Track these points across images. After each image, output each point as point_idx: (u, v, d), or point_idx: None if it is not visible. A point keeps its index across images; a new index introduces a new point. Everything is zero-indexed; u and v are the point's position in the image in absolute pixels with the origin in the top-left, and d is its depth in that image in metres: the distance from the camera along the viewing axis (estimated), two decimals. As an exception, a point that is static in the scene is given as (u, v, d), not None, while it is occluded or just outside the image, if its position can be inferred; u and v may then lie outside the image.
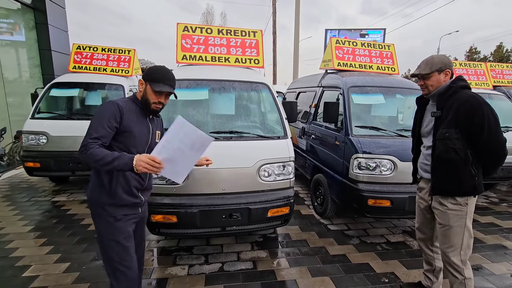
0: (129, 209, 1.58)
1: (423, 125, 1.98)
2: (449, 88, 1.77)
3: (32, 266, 2.50)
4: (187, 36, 3.40)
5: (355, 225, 3.43)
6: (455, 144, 1.69)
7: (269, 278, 2.40)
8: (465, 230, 1.79)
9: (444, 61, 1.81)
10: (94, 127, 1.40)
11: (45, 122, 4.09)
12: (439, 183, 1.81)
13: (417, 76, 1.88)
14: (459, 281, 1.80)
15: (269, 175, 2.54)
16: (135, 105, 1.57)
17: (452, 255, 1.80)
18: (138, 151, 1.52)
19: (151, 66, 1.62)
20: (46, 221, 3.40)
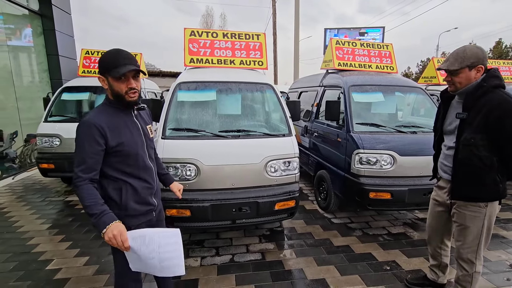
0: (143, 217, 1.53)
1: (446, 122, 1.83)
2: (480, 87, 1.58)
3: (54, 260, 2.65)
4: (194, 40, 3.57)
5: (358, 218, 3.58)
6: (481, 151, 1.56)
7: (277, 268, 2.55)
8: (483, 231, 1.71)
9: (477, 55, 1.58)
10: (78, 156, 1.30)
11: (58, 125, 4.26)
12: (460, 189, 1.72)
13: (444, 71, 1.71)
14: (468, 274, 1.80)
15: (275, 171, 2.69)
16: (113, 108, 1.42)
17: (466, 252, 1.77)
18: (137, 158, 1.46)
19: (99, 58, 1.40)
20: (62, 219, 3.56)
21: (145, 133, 1.54)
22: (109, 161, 1.38)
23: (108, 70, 1.33)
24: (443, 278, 2.19)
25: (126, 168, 1.43)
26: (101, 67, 1.37)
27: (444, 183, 1.90)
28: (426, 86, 6.27)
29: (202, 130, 2.72)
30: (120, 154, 1.39)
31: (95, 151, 1.31)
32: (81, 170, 1.28)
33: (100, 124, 1.32)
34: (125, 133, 1.41)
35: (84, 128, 1.31)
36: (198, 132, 2.70)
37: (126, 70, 1.32)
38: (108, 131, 1.34)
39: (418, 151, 2.95)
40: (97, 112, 1.38)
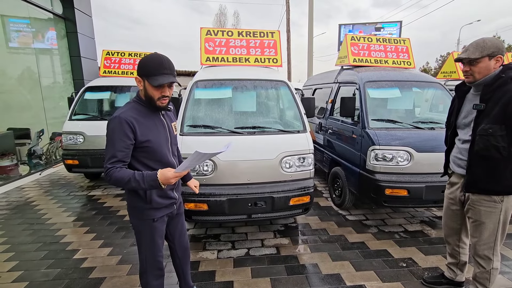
0: (166, 209, 1.62)
1: (461, 115, 1.81)
2: (498, 78, 1.58)
3: (80, 250, 2.82)
4: (210, 39, 3.65)
5: (373, 216, 3.55)
6: (499, 141, 1.54)
7: (292, 262, 2.59)
8: (499, 226, 1.69)
9: (498, 45, 1.58)
10: (109, 150, 1.37)
11: (81, 123, 4.48)
12: (475, 181, 1.69)
13: (463, 60, 1.67)
14: (485, 271, 1.77)
15: (290, 167, 2.72)
16: (142, 106, 1.49)
17: (483, 249, 1.75)
18: (161, 154, 1.53)
19: (143, 58, 1.45)
20: (86, 213, 3.75)
21: (170, 130, 1.62)
22: (136, 155, 1.46)
23: (148, 75, 1.40)
24: (461, 276, 2.16)
25: (151, 163, 1.51)
26: (141, 69, 1.43)
27: (457, 178, 1.88)
28: (445, 82, 6.08)
29: (218, 127, 2.79)
30: (147, 150, 1.47)
31: (125, 145, 1.38)
32: (111, 163, 1.36)
33: (131, 120, 1.39)
34: (153, 130, 1.49)
35: (116, 123, 1.38)
36: (215, 129, 2.78)
37: (165, 81, 1.40)
38: (138, 126, 1.41)
39: (436, 147, 2.89)
40: (128, 108, 1.45)
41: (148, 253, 1.63)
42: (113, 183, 1.38)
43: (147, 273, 1.66)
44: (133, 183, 1.35)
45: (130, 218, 1.62)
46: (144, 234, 1.60)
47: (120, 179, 1.35)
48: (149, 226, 1.58)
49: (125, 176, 1.35)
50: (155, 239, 1.61)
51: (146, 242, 1.61)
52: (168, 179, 1.36)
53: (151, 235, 1.60)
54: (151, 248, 1.62)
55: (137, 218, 1.58)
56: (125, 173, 1.36)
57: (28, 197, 4.32)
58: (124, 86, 4.94)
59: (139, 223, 1.59)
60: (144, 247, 1.62)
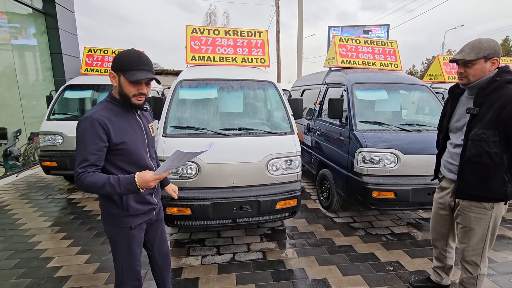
0: (144, 216, 1.52)
1: (453, 119, 1.77)
2: (493, 82, 1.53)
3: (55, 257, 2.66)
4: (196, 37, 3.54)
5: (361, 218, 3.54)
6: (491, 147, 1.51)
7: (279, 267, 2.52)
8: (488, 233, 1.66)
9: (494, 47, 1.54)
10: (80, 153, 1.26)
11: (60, 123, 4.27)
12: (466, 187, 1.65)
13: (458, 62, 1.62)
14: (472, 277, 1.75)
15: (277, 169, 2.66)
16: (116, 106, 1.39)
17: (471, 255, 1.72)
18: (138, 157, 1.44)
19: (119, 53, 1.36)
20: (64, 217, 3.57)
21: (147, 132, 1.53)
22: (110, 159, 1.35)
23: (124, 70, 1.31)
24: (447, 280, 2.15)
25: (127, 167, 1.40)
26: (116, 64, 1.34)
27: (447, 183, 1.84)
28: (431, 84, 6.18)
29: (203, 128, 2.70)
30: (122, 152, 1.37)
31: (98, 148, 1.27)
32: (83, 167, 1.25)
33: (103, 120, 1.29)
34: (128, 131, 1.39)
35: (87, 124, 1.27)
36: (199, 130, 2.68)
37: (143, 77, 1.31)
38: (111, 127, 1.31)
39: (423, 149, 2.90)
40: (100, 108, 1.34)
41: (125, 263, 1.51)
42: (85, 189, 1.27)
43: (124, 285, 1.55)
44: (108, 188, 1.25)
45: (104, 227, 1.49)
46: (120, 243, 1.48)
47: (93, 184, 1.24)
48: (126, 235, 1.46)
49: (99, 181, 1.25)
50: (133, 248, 1.50)
51: (122, 252, 1.49)
52: (147, 182, 1.27)
53: (128, 244, 1.48)
54: (128, 257, 1.50)
55: (112, 226, 1.46)
56: (98, 178, 1.25)
57: (2, 201, 4.09)
58: (107, 85, 4.75)
59: (114, 232, 1.47)
60: (120, 257, 1.51)
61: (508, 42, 30.22)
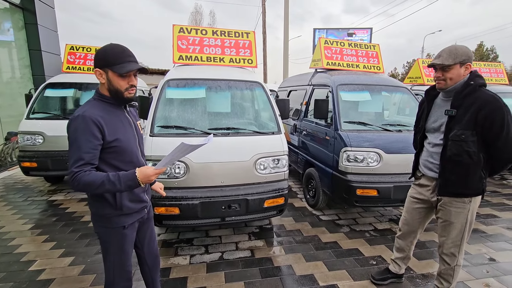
0: (137, 214, 1.51)
1: (430, 120, 1.86)
2: (467, 85, 1.65)
3: (37, 260, 2.58)
4: (183, 37, 3.53)
5: (345, 215, 3.65)
6: (470, 147, 1.62)
7: (267, 264, 2.57)
8: (467, 226, 1.77)
9: (468, 53, 1.66)
10: (74, 153, 1.23)
11: (41, 122, 4.13)
12: (448, 185, 1.75)
13: (436, 66, 1.72)
14: (450, 268, 1.87)
15: (265, 168, 2.70)
16: (105, 103, 1.37)
17: (449, 247, 1.83)
18: (131, 154, 1.43)
19: (99, 49, 1.33)
20: (46, 219, 3.45)
21: (137, 129, 1.52)
22: (104, 157, 1.33)
23: (111, 64, 1.30)
24: (403, 269, 2.28)
25: (121, 165, 1.39)
26: (102, 60, 1.31)
27: (428, 180, 1.92)
28: (412, 86, 6.43)
29: (191, 128, 2.70)
30: (116, 150, 1.35)
31: (92, 146, 1.25)
32: (78, 166, 1.22)
33: (97, 118, 1.27)
34: (120, 128, 1.38)
35: (79, 122, 1.24)
36: (187, 130, 2.68)
37: (134, 68, 1.31)
38: (105, 125, 1.29)
39: (403, 148, 3.03)
40: (90, 106, 1.32)
41: (117, 263, 1.49)
42: (82, 189, 1.24)
43: (115, 285, 1.53)
44: (108, 185, 1.23)
45: (95, 228, 1.46)
46: (112, 243, 1.46)
47: (91, 182, 1.21)
48: (118, 234, 1.45)
49: (97, 179, 1.22)
50: (125, 247, 1.48)
51: (114, 251, 1.47)
52: (148, 177, 1.28)
53: (120, 243, 1.46)
54: (120, 258, 1.49)
55: (104, 226, 1.43)
56: (96, 176, 1.23)
57: (-23, 204, 3.90)
58: (90, 84, 4.64)
59: (106, 232, 1.44)
60: (112, 257, 1.48)
61: (482, 47, 31.83)
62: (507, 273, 2.47)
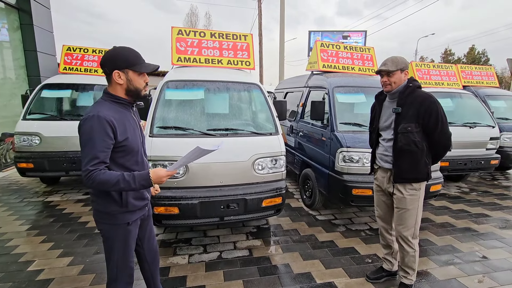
0: (139, 211, 1.56)
1: (382, 119, 2.15)
2: (407, 87, 1.99)
3: (35, 261, 2.58)
4: (182, 39, 3.57)
5: (341, 215, 3.71)
6: (416, 137, 1.92)
7: (265, 263, 2.61)
8: (418, 211, 2.05)
9: (405, 62, 2.02)
10: (89, 151, 1.27)
11: (37, 123, 4.12)
12: (401, 172, 2.01)
13: (382, 72, 2.04)
14: (411, 254, 2.09)
15: (262, 168, 2.75)
16: (116, 104, 1.42)
17: (406, 233, 2.06)
18: (137, 153, 1.48)
19: (112, 53, 1.40)
20: (43, 220, 3.44)
21: (141, 129, 1.58)
22: (113, 156, 1.37)
23: (133, 65, 1.38)
24: (396, 266, 2.36)
25: (127, 163, 1.44)
26: (122, 61, 1.37)
27: (383, 172, 2.17)
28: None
29: (190, 129, 2.73)
30: (124, 149, 1.40)
31: (106, 145, 1.30)
32: (94, 165, 1.27)
33: (110, 119, 1.32)
34: (129, 128, 1.43)
35: (95, 121, 1.28)
36: (186, 131, 2.72)
37: (154, 67, 1.44)
38: (117, 126, 1.34)
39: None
40: (103, 107, 1.36)
41: (120, 259, 1.53)
42: (96, 186, 1.28)
43: (117, 281, 1.56)
44: (122, 184, 1.29)
45: (99, 225, 1.49)
46: (116, 239, 1.49)
47: (106, 181, 1.27)
48: (123, 231, 1.49)
49: (112, 178, 1.28)
50: (129, 243, 1.53)
51: (118, 248, 1.50)
52: (160, 178, 1.37)
53: (124, 240, 1.51)
54: (124, 254, 1.53)
55: (108, 224, 1.47)
56: (112, 175, 1.29)
57: (-28, 205, 3.87)
58: (87, 85, 4.64)
59: (111, 229, 1.48)
60: (116, 254, 1.51)
61: (474, 51, 32.42)
62: (498, 269, 2.55)
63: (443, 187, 3.84)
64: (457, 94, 5.18)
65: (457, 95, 5.16)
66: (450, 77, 5.72)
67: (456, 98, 5.11)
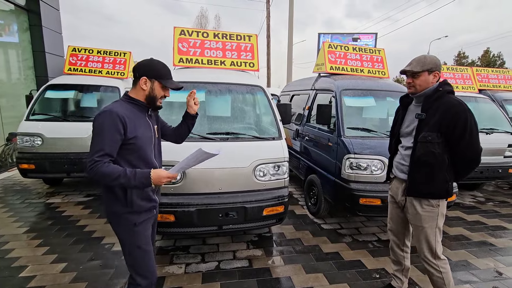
0: (146, 214, 1.55)
1: (404, 125, 1.96)
2: (436, 91, 1.77)
3: (28, 266, 2.51)
4: (184, 39, 3.48)
5: (348, 224, 3.53)
6: (436, 148, 1.71)
7: (265, 276, 2.46)
8: (436, 230, 1.84)
9: (436, 62, 1.78)
10: (97, 143, 1.33)
11: (40, 123, 4.10)
12: (415, 184, 1.82)
13: (407, 73, 1.84)
14: (436, 275, 1.87)
15: (264, 175, 2.61)
16: (133, 105, 1.49)
17: (425, 254, 1.87)
18: (146, 155, 1.50)
19: (147, 62, 1.51)
20: (41, 223, 3.40)
21: (155, 132, 1.62)
22: (121, 153, 1.41)
23: (162, 78, 1.50)
24: (406, 283, 2.19)
25: (135, 161, 1.46)
26: (153, 71, 1.48)
27: (398, 182, 1.99)
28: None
29: (189, 132, 2.62)
30: (133, 146, 1.43)
31: (115, 140, 1.35)
32: (98, 156, 1.31)
33: (123, 116, 1.37)
34: (140, 128, 1.47)
35: (107, 116, 1.35)
36: (185, 134, 2.60)
37: (179, 86, 1.56)
38: (128, 122, 1.39)
39: (409, 157, 2.92)
40: (118, 105, 1.44)
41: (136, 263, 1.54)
42: (98, 178, 1.32)
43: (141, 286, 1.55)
44: (122, 179, 1.32)
45: (111, 225, 1.53)
46: (127, 241, 1.52)
47: (108, 174, 1.30)
48: (130, 232, 1.50)
49: (114, 172, 1.31)
50: (140, 245, 1.52)
51: (131, 251, 1.52)
52: (160, 178, 1.38)
53: (134, 242, 1.51)
54: (140, 257, 1.52)
55: (118, 225, 1.51)
56: (114, 169, 1.32)
57: (-26, 205, 3.86)
58: (91, 86, 4.62)
59: (120, 230, 1.52)
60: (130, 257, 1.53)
61: (489, 53, 31.52)
62: (518, 290, 2.34)
63: (457, 196, 3.63)
64: (472, 98, 4.93)
65: (472, 99, 4.91)
66: (465, 81, 5.47)
67: (471, 102, 4.86)
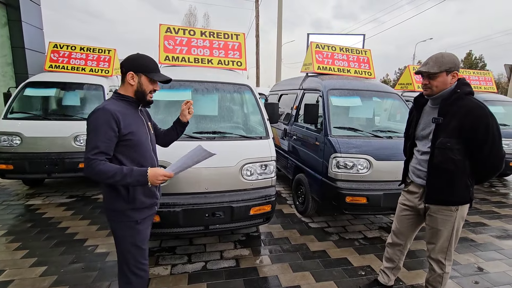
0: (148, 210, 1.56)
1: (419, 127, 1.85)
2: (454, 93, 1.64)
3: (6, 271, 2.40)
4: (170, 37, 3.41)
5: (335, 223, 3.56)
6: (456, 155, 1.61)
7: (252, 275, 2.45)
8: (453, 233, 1.76)
9: (454, 61, 1.65)
10: (91, 141, 1.33)
11: (19, 122, 3.93)
12: (434, 192, 1.74)
13: (423, 74, 1.72)
14: (437, 275, 1.85)
15: (251, 174, 2.60)
16: (124, 102, 1.49)
17: (437, 254, 1.82)
18: (144, 149, 1.50)
19: (133, 57, 1.50)
20: (20, 225, 3.26)
21: (149, 128, 1.62)
22: (119, 150, 1.41)
23: (148, 71, 1.48)
24: (392, 281, 2.20)
25: (135, 156, 1.47)
26: (139, 66, 1.47)
27: (416, 187, 1.90)
28: (402, 92, 6.46)
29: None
30: (130, 142, 1.44)
31: (109, 137, 1.35)
32: (93, 154, 1.31)
33: (115, 112, 1.37)
34: (134, 123, 1.48)
35: (100, 114, 1.35)
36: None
37: (166, 78, 1.53)
38: (122, 119, 1.39)
39: (393, 155, 2.97)
40: (111, 103, 1.44)
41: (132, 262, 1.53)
42: (94, 176, 1.32)
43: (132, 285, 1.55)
44: (118, 177, 1.32)
45: (110, 224, 1.52)
46: (126, 239, 1.50)
47: (105, 172, 1.31)
48: (131, 229, 1.49)
49: (111, 170, 1.32)
50: (139, 244, 1.52)
51: (128, 249, 1.51)
52: (157, 177, 1.38)
53: (133, 240, 1.50)
54: (136, 255, 1.52)
55: (116, 222, 1.50)
56: (111, 167, 1.33)
57: None
58: (74, 83, 4.47)
59: (119, 227, 1.50)
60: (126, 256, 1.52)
61: (472, 56, 32.64)
62: (496, 284, 2.42)
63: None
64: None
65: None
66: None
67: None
